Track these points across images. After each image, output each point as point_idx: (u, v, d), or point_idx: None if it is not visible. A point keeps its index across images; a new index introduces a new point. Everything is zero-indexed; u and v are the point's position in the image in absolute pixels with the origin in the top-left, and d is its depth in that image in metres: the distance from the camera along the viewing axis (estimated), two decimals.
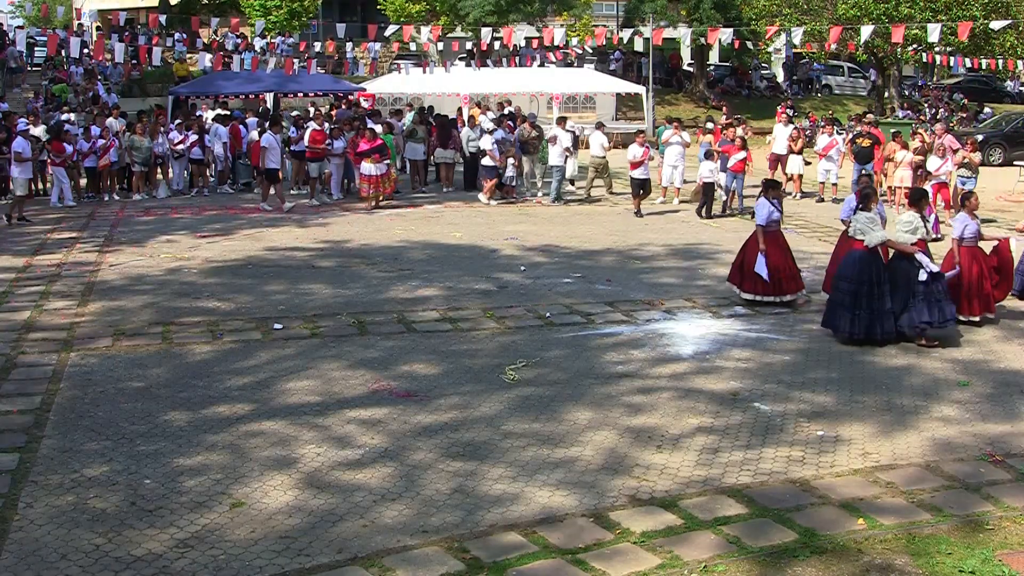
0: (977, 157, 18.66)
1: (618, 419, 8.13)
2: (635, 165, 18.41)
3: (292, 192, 21.33)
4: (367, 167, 18.98)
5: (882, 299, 10.18)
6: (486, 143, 19.87)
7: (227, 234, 16.33)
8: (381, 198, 19.25)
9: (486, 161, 19.94)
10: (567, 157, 20.09)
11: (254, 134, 21.66)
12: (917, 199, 10.97)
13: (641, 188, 18.65)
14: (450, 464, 7.20)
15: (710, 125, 22.71)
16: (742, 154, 18.80)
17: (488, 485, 6.85)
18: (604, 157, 20.65)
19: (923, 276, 10.11)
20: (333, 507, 6.49)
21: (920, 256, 10.21)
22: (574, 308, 11.68)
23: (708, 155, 19.05)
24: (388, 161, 19.75)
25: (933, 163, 17.88)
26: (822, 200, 20.66)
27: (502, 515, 6.40)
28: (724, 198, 19.14)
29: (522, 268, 13.85)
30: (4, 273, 13.32)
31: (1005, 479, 7.10)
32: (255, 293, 12.27)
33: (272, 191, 19.26)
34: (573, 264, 14.22)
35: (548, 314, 11.38)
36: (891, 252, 10.55)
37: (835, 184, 20.84)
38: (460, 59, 34.29)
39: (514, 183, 20.71)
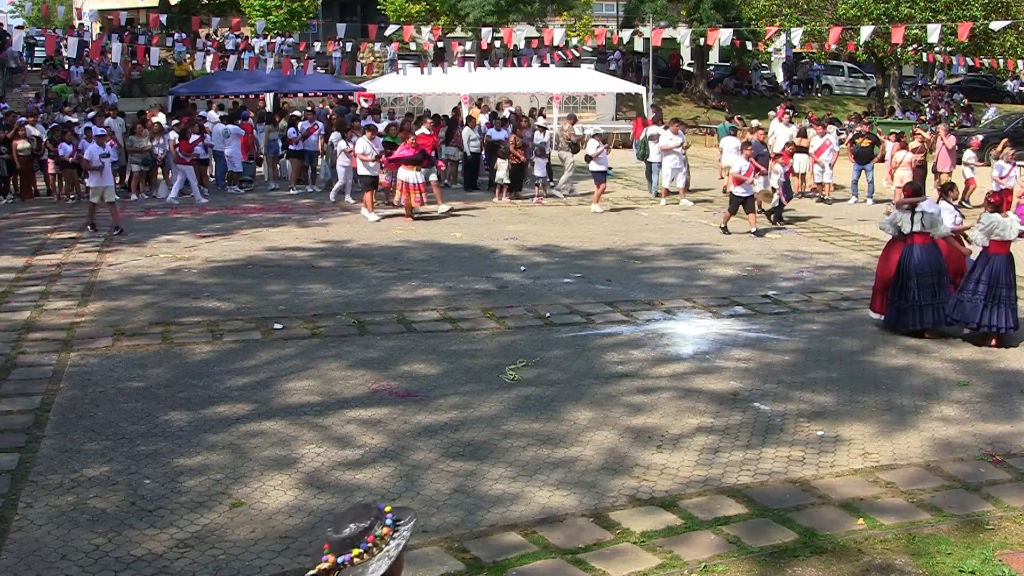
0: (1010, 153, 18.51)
1: (618, 419, 8.13)
2: (738, 181, 16.55)
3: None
4: (405, 174, 17.64)
5: (943, 289, 10.48)
6: (592, 148, 19.00)
7: (227, 234, 16.33)
8: (416, 208, 17.97)
9: (594, 166, 19.07)
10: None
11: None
12: (918, 195, 10.95)
13: (741, 204, 16.69)
14: (450, 464, 7.20)
15: (755, 123, 22.62)
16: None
17: (488, 485, 6.85)
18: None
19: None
20: (333, 507, 6.49)
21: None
22: (574, 308, 11.68)
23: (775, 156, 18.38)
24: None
25: (998, 169, 17.84)
26: (823, 200, 20.63)
27: (502, 515, 6.40)
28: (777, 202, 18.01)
29: (522, 268, 13.85)
30: (4, 273, 13.32)
31: (1005, 479, 7.11)
32: (255, 293, 12.27)
33: (369, 197, 18.23)
34: (573, 264, 14.22)
35: (548, 314, 11.37)
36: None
37: (830, 183, 20.80)
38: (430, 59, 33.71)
39: (545, 183, 20.92)
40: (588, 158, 19.27)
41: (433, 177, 18.87)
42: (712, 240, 16.21)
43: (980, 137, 22.78)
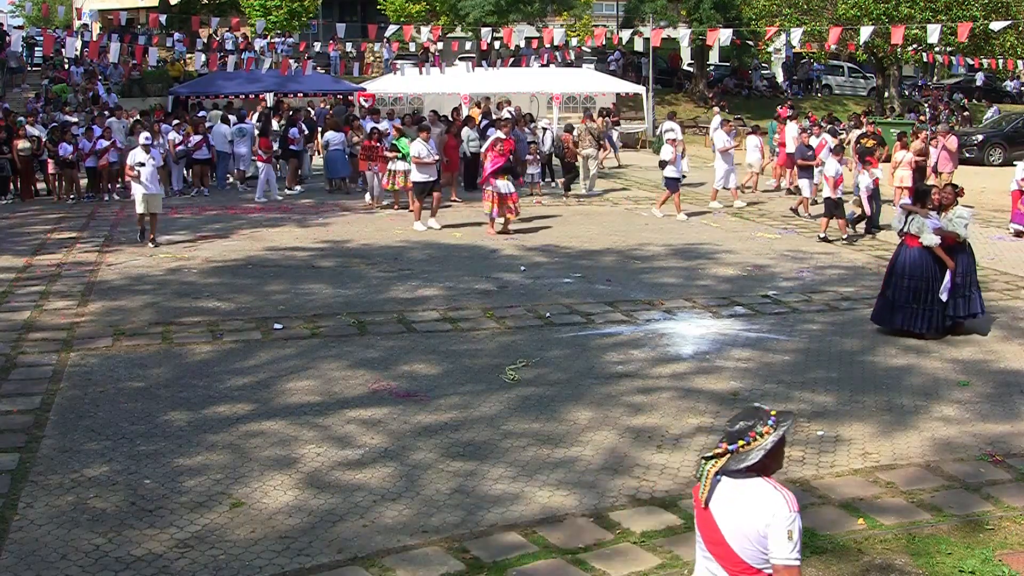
0: None
1: (618, 419, 8.13)
2: (836, 183, 16.33)
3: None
4: (497, 184, 16.20)
5: (927, 296, 10.43)
6: (667, 153, 18.25)
7: (227, 234, 16.34)
8: (510, 220, 16.61)
9: (669, 172, 18.13)
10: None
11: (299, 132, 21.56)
12: (921, 196, 10.85)
13: (834, 210, 16.37)
14: (450, 464, 7.20)
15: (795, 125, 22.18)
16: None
17: (488, 485, 6.85)
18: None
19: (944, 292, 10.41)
20: (333, 507, 6.50)
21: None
22: (574, 308, 11.68)
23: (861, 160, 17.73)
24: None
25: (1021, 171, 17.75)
26: (816, 203, 20.35)
27: (502, 515, 6.40)
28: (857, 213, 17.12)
29: (522, 268, 13.85)
30: (4, 273, 13.32)
31: (1005, 479, 7.10)
32: (255, 293, 12.27)
33: (425, 203, 17.00)
34: (573, 264, 14.22)
35: (548, 314, 11.37)
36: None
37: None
38: (403, 62, 33.04)
39: (539, 180, 21.11)
40: (663, 164, 18.41)
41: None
42: (712, 240, 16.20)
43: None
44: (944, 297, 10.39)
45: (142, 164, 14.92)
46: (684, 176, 19.12)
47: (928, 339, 10.42)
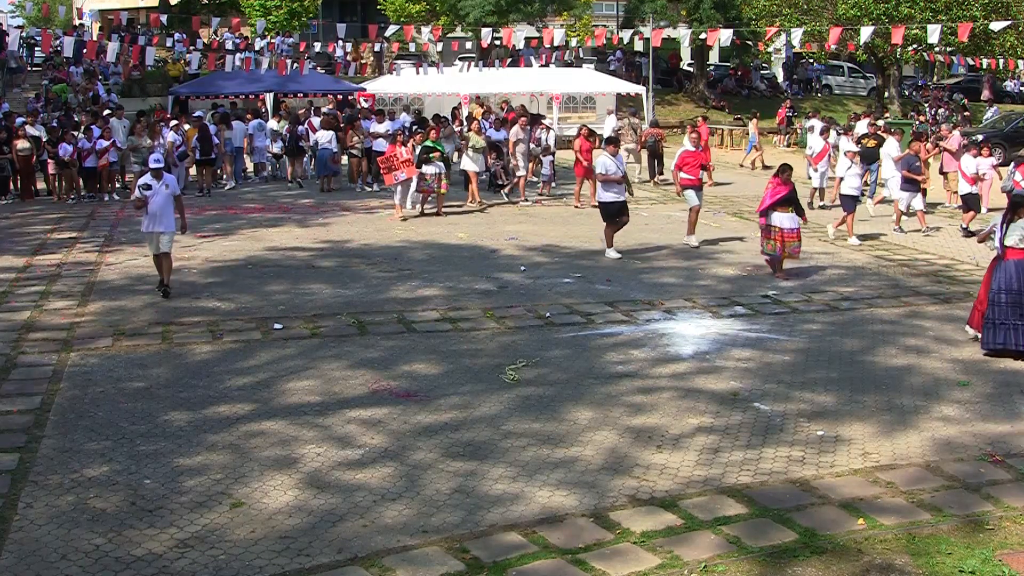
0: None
1: (618, 419, 8.14)
2: (972, 181, 16.22)
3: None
4: (780, 219, 13.31)
5: None
6: (843, 168, 16.51)
7: (227, 234, 16.34)
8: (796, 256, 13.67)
9: (846, 189, 16.17)
10: None
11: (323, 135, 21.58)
12: (1017, 206, 10.05)
13: (971, 205, 16.02)
14: (450, 464, 7.20)
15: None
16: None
17: (488, 485, 6.85)
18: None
19: None
20: (333, 507, 6.50)
21: None
22: (574, 308, 11.68)
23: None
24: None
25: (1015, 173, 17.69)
26: (811, 206, 20.17)
27: (502, 515, 6.40)
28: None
29: (522, 268, 13.85)
30: (4, 273, 13.33)
31: (1005, 479, 7.10)
32: (255, 293, 12.27)
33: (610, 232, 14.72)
34: (573, 264, 14.22)
35: (548, 314, 11.38)
36: None
37: (823, 188, 20.30)
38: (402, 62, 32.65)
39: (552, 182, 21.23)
40: (839, 179, 16.83)
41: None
42: (712, 240, 16.20)
43: None
44: None
45: (148, 187, 11.68)
46: (863, 195, 17.30)
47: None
